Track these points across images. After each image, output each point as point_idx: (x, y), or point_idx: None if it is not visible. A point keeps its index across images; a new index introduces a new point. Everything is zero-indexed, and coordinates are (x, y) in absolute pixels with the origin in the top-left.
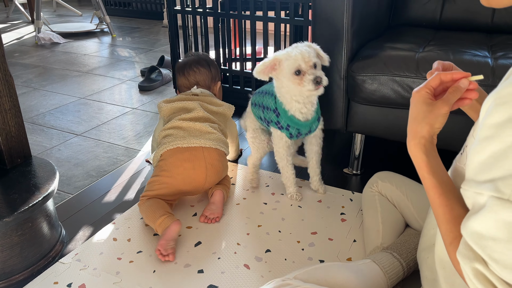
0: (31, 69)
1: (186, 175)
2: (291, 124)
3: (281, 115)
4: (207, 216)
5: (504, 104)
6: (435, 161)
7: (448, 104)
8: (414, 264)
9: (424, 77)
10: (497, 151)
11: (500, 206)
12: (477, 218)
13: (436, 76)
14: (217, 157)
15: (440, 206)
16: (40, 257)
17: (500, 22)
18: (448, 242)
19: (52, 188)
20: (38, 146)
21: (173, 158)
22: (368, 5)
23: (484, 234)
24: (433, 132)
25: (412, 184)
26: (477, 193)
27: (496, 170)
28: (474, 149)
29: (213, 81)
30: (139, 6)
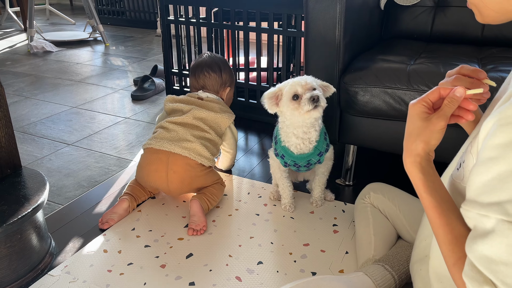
0: (23, 77)
1: (149, 175)
2: (285, 155)
3: (278, 143)
4: (193, 229)
5: (509, 125)
6: (432, 178)
7: (444, 118)
8: (406, 276)
9: (416, 89)
10: (502, 172)
11: (511, 230)
12: (486, 242)
13: (435, 90)
14: (182, 165)
15: (440, 227)
16: (29, 270)
17: (490, 35)
18: (451, 263)
19: (42, 199)
20: (29, 155)
21: (144, 156)
22: (360, 18)
23: (495, 259)
24: (429, 149)
25: (404, 196)
26: (482, 215)
27: (502, 192)
28: (477, 169)
29: (222, 86)
30: (133, 15)
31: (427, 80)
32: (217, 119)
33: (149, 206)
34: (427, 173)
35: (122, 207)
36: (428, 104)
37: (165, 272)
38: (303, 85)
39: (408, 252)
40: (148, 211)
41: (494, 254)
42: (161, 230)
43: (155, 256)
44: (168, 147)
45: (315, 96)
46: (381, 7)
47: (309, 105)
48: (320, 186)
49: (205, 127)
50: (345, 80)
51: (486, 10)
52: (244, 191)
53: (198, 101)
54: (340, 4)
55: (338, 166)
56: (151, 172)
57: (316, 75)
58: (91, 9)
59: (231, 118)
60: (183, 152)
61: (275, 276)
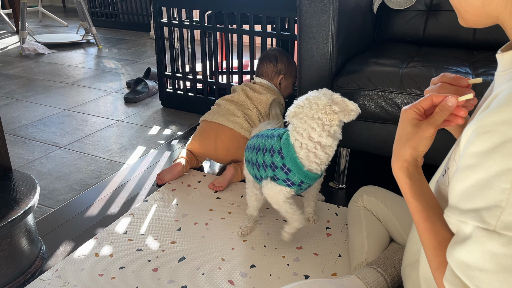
0: (14, 79)
1: (201, 142)
2: (305, 180)
3: (293, 172)
4: (214, 184)
5: (486, 133)
6: (419, 184)
7: (434, 126)
8: (398, 279)
9: (408, 92)
10: (480, 180)
11: (486, 237)
12: (463, 248)
13: (428, 97)
14: (229, 136)
15: (425, 231)
16: (19, 274)
17: (481, 38)
18: (434, 267)
19: (32, 202)
20: (20, 158)
21: (199, 127)
22: (353, 21)
23: (471, 264)
24: (417, 155)
25: (397, 199)
26: (461, 222)
27: (480, 200)
28: (457, 176)
29: (277, 74)
30: (126, 18)
31: (420, 83)
32: (260, 98)
33: (141, 209)
34: (414, 178)
35: (177, 169)
36: (420, 110)
37: (157, 275)
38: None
39: (401, 255)
40: (140, 214)
41: (470, 260)
42: (154, 233)
43: (147, 260)
44: (218, 119)
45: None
46: (374, 11)
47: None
48: (313, 201)
49: (251, 104)
50: (338, 83)
51: (466, 15)
52: (237, 194)
53: (250, 84)
54: (333, 8)
55: (331, 169)
56: (203, 140)
57: (309, 78)
58: (84, 11)
59: (270, 98)
60: (229, 124)
61: (268, 279)
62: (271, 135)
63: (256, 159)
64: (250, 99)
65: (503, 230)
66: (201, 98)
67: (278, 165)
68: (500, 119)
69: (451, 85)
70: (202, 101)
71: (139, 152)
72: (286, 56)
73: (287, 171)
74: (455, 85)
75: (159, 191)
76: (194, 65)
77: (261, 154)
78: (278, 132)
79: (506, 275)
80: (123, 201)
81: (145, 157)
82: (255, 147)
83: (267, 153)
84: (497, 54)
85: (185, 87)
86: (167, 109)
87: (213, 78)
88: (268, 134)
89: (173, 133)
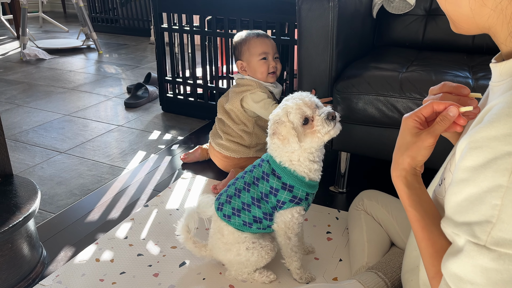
0: (15, 85)
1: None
2: (310, 191)
3: (296, 186)
4: (216, 187)
5: (478, 149)
6: (417, 192)
7: (433, 135)
8: (399, 283)
9: (408, 97)
10: (472, 194)
11: (477, 252)
12: (455, 261)
13: (429, 105)
14: (219, 157)
15: (423, 240)
16: (20, 279)
17: (481, 43)
18: (431, 275)
19: (33, 208)
20: (21, 164)
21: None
22: (353, 26)
23: (462, 277)
24: (415, 165)
25: (397, 203)
26: (455, 234)
27: (472, 214)
28: (451, 190)
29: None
30: (126, 23)
31: (419, 87)
32: (232, 110)
33: (142, 214)
34: (412, 187)
35: (197, 152)
36: (421, 119)
37: (158, 280)
38: (309, 104)
39: (401, 259)
40: (140, 219)
41: (462, 273)
42: (154, 238)
43: (148, 265)
44: (211, 141)
45: (331, 113)
46: (373, 16)
47: (328, 124)
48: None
49: (229, 121)
50: (338, 87)
51: (458, 23)
52: None
53: (226, 92)
54: (333, 13)
55: (332, 174)
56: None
57: (309, 82)
58: (84, 16)
59: (237, 100)
60: (215, 147)
61: (269, 284)
62: (253, 167)
63: (251, 196)
64: (227, 113)
65: (493, 246)
66: (201, 103)
67: (279, 187)
68: (492, 134)
69: (452, 94)
70: (203, 106)
71: (140, 157)
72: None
73: (290, 189)
74: (457, 94)
75: (160, 196)
76: (194, 70)
77: (254, 188)
78: (258, 161)
79: None
80: (124, 206)
81: (146, 162)
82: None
83: (261, 181)
84: (491, 64)
85: (186, 92)
86: (167, 114)
87: (213, 83)
88: (249, 169)
89: (174, 138)
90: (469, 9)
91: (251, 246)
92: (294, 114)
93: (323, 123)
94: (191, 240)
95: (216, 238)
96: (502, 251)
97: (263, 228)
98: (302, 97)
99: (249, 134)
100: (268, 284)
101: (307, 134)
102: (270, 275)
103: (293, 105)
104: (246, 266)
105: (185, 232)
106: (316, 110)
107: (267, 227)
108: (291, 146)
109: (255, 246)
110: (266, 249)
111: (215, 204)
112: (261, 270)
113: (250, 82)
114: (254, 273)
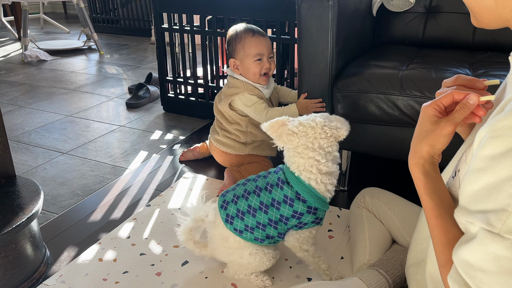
0: (17, 86)
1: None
2: (326, 209)
3: (320, 208)
4: (221, 189)
5: (498, 137)
6: (434, 181)
7: (453, 123)
8: (400, 280)
9: (408, 94)
10: (490, 183)
11: (490, 239)
12: (467, 248)
13: (449, 94)
14: (217, 152)
15: (435, 228)
16: (24, 279)
17: (481, 39)
18: (441, 263)
19: (36, 208)
20: (23, 165)
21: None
22: (353, 24)
23: (473, 264)
24: (433, 153)
25: (398, 200)
26: (469, 222)
27: (488, 202)
28: (468, 179)
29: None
30: (127, 24)
31: (420, 85)
32: (225, 111)
33: (144, 213)
34: (429, 175)
35: (197, 149)
36: (440, 108)
37: (161, 280)
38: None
39: (403, 256)
40: (143, 219)
41: (473, 260)
42: (157, 237)
43: (150, 264)
44: (210, 136)
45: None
46: (373, 14)
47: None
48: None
49: (223, 121)
50: (338, 86)
51: (479, 16)
52: None
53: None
54: (332, 11)
55: None
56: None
57: (309, 81)
58: (85, 17)
59: (226, 103)
60: (213, 143)
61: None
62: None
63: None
64: (221, 113)
65: (507, 234)
66: (203, 102)
67: (304, 211)
68: None
69: (466, 87)
70: (204, 106)
71: (142, 157)
72: (232, 31)
73: (314, 212)
74: (470, 88)
75: (162, 196)
76: (195, 70)
77: (264, 193)
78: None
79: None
80: (126, 206)
81: (148, 162)
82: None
83: (282, 205)
84: (510, 57)
85: (187, 92)
86: (168, 114)
87: (214, 83)
88: (263, 174)
89: (175, 138)
90: (493, 1)
91: (254, 252)
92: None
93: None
94: (192, 241)
95: (219, 243)
96: None
97: (273, 242)
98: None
99: (243, 133)
100: (272, 279)
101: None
102: (266, 280)
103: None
104: (246, 269)
105: (186, 233)
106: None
107: (277, 240)
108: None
109: (258, 252)
110: (268, 256)
111: (218, 200)
112: (258, 273)
113: (238, 84)
114: (251, 275)
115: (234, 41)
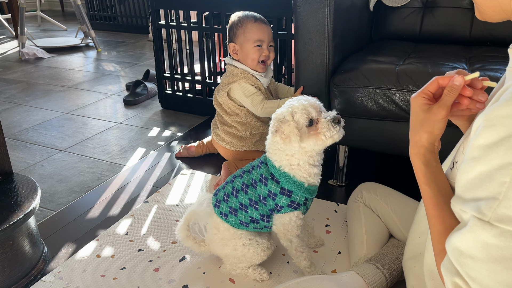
0: (14, 84)
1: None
2: (309, 196)
3: (295, 192)
4: (217, 183)
5: (492, 127)
6: (433, 170)
7: (444, 107)
8: (397, 274)
9: (405, 89)
10: (483, 172)
11: (480, 227)
12: (458, 236)
13: (433, 81)
14: (219, 147)
15: (433, 217)
16: (22, 276)
17: (478, 34)
18: (436, 252)
19: (33, 205)
20: (21, 162)
21: None
22: (349, 19)
23: (463, 251)
24: (433, 139)
25: (396, 195)
26: (462, 211)
27: (481, 191)
28: (463, 168)
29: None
30: (125, 20)
31: (416, 80)
32: (223, 102)
33: (142, 210)
34: (429, 164)
35: (192, 148)
36: (428, 95)
37: (159, 275)
38: (314, 107)
39: (399, 250)
40: (141, 216)
41: (463, 247)
42: (154, 234)
43: (148, 260)
44: (211, 130)
45: (338, 117)
46: (370, 9)
47: (333, 128)
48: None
49: (222, 113)
50: (335, 81)
51: (482, 9)
52: None
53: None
54: (329, 6)
55: (331, 167)
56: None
57: (306, 76)
58: (82, 14)
59: (223, 92)
60: (214, 137)
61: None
62: (251, 167)
63: (249, 198)
64: (220, 105)
65: (496, 222)
66: (200, 99)
67: (277, 191)
68: (506, 113)
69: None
70: (201, 102)
71: (139, 154)
72: (235, 16)
73: (288, 194)
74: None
75: (159, 192)
76: (192, 66)
77: (252, 190)
78: (257, 163)
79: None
80: (124, 202)
81: (145, 159)
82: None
83: (259, 184)
84: (509, 49)
85: (184, 89)
86: (166, 111)
87: (212, 79)
88: (247, 169)
89: (173, 134)
90: None
91: (248, 242)
92: (300, 114)
93: (329, 126)
94: (190, 238)
95: (212, 233)
96: (505, 228)
97: (259, 228)
98: (307, 99)
99: (243, 124)
100: (269, 275)
101: (311, 136)
102: (263, 273)
103: (299, 105)
104: (241, 262)
105: (184, 231)
106: (321, 113)
107: (264, 227)
108: (292, 146)
109: (252, 243)
110: (262, 246)
111: (212, 200)
112: (255, 267)
113: (236, 71)
114: (248, 269)
115: (235, 26)
